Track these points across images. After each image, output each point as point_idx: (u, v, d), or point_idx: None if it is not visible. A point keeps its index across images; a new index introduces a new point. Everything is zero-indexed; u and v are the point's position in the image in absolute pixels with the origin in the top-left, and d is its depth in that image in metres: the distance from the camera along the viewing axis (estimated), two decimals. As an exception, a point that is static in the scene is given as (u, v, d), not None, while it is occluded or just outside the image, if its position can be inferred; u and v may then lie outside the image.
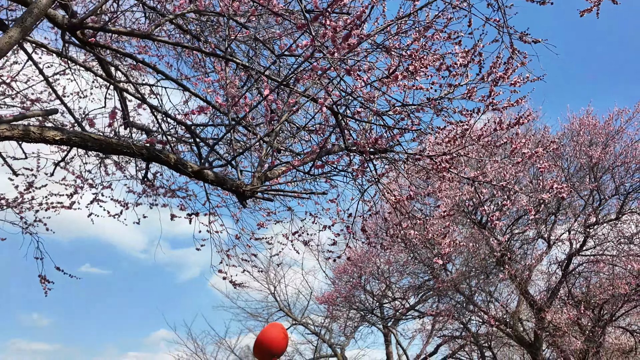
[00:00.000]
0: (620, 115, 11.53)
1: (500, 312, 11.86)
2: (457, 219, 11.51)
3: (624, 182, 11.05)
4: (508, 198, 9.84)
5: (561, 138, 11.13)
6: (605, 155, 10.68)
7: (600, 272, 10.98)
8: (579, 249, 11.67)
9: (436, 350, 18.09)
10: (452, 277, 10.69)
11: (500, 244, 9.94)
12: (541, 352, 11.84)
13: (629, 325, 14.91)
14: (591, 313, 11.25)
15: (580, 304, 10.09)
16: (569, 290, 11.10)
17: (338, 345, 21.81)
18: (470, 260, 11.49)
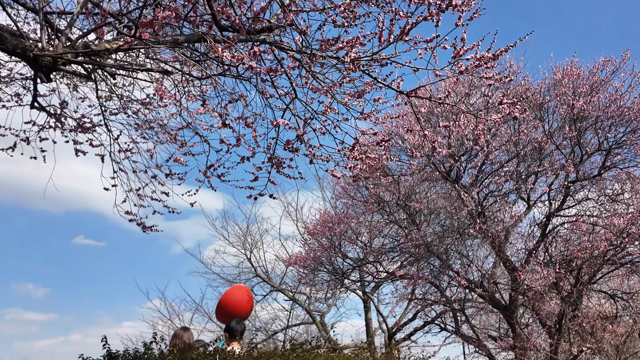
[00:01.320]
0: (606, 66, 10.75)
1: (475, 274, 11.30)
2: (432, 176, 10.83)
3: (608, 137, 10.35)
4: (481, 149, 9.15)
5: (542, 87, 10.37)
6: (589, 106, 9.94)
7: (580, 230, 10.37)
8: (558, 208, 11.04)
9: (414, 317, 17.67)
10: (422, 235, 10.06)
11: (472, 198, 9.28)
12: (516, 315, 11.34)
13: (610, 290, 14.46)
14: (569, 275, 10.69)
15: (558, 264, 9.50)
16: (545, 250, 10.51)
17: (317, 312, 21.38)
18: (444, 220, 10.86)
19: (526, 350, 10.26)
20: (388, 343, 19.39)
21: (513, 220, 11.77)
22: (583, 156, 10.62)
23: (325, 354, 4.85)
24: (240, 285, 12.57)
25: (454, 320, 11.86)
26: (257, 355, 4.36)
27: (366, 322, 20.77)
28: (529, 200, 11.99)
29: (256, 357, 4.36)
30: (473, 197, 9.33)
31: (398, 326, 19.42)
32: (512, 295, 11.21)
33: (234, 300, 11.89)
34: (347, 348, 21.78)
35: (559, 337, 10.49)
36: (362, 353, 7.85)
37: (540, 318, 10.70)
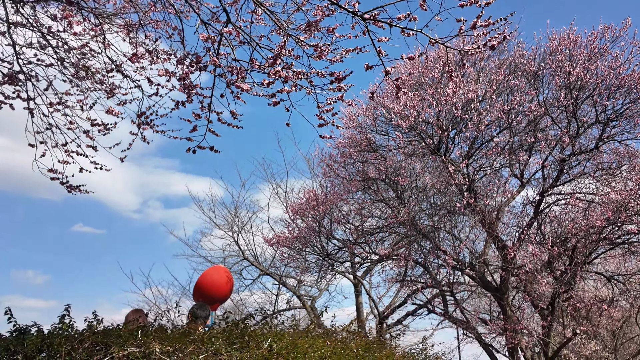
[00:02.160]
0: (605, 33, 10.11)
1: (465, 254, 10.76)
2: (419, 150, 10.25)
3: (606, 109, 9.74)
4: (470, 119, 8.55)
5: (537, 54, 9.73)
6: (586, 74, 9.32)
7: (575, 207, 9.80)
8: (552, 184, 10.47)
9: (405, 301, 17.20)
10: (408, 211, 9.49)
11: (459, 171, 8.70)
12: (507, 296, 10.82)
13: (607, 272, 13.96)
14: (563, 255, 10.15)
15: (551, 243, 8.95)
16: (538, 227, 9.96)
17: (308, 297, 20.90)
18: (432, 197, 10.29)
19: (517, 332, 9.76)
20: (379, 328, 18.97)
21: (505, 198, 11.22)
22: (579, 129, 10.02)
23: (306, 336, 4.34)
24: (218, 266, 12.00)
25: (442, 303, 11.34)
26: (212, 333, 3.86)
27: (357, 306, 20.29)
28: (522, 177, 11.42)
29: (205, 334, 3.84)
30: (461, 170, 8.75)
31: (389, 310, 18.97)
32: (503, 276, 10.69)
33: (211, 282, 11.34)
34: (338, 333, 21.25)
35: (552, 319, 9.98)
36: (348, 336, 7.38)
37: (532, 299, 10.18)
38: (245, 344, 3.50)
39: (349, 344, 4.83)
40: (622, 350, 20.11)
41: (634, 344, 20.20)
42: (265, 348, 3.42)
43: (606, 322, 19.30)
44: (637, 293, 16.79)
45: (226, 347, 3.29)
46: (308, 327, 5.47)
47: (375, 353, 4.82)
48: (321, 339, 4.53)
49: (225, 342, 3.38)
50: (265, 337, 3.67)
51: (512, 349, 10.37)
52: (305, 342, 4.01)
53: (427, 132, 9.02)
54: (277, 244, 11.97)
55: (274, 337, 3.70)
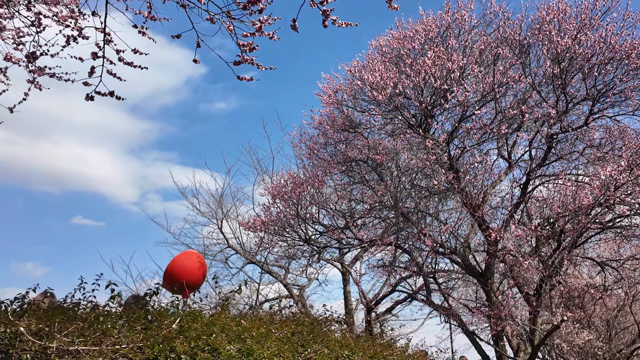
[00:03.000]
0: (596, 3, 9.50)
1: (448, 237, 10.20)
2: (398, 127, 9.68)
3: (596, 82, 9.14)
4: (449, 90, 7.97)
5: (524, 23, 9.12)
6: (575, 45, 8.72)
7: (564, 185, 9.23)
8: (540, 164, 9.91)
9: (393, 289, 16.70)
10: (385, 188, 8.93)
11: (438, 146, 8.12)
12: (492, 282, 10.29)
13: (599, 257, 13.43)
14: (551, 238, 9.60)
15: (538, 225, 8.40)
16: (524, 208, 9.40)
17: (296, 286, 20.39)
18: (413, 176, 9.73)
19: (501, 319, 9.24)
20: (368, 317, 18.50)
21: (492, 180, 10.67)
22: (568, 104, 9.44)
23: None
24: (190, 251, 11.44)
25: (426, 289, 10.82)
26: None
27: (344, 295, 19.80)
28: (510, 158, 10.86)
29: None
30: (440, 145, 8.18)
31: (377, 299, 18.49)
32: (487, 261, 10.16)
33: (182, 267, 10.78)
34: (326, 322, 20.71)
35: (538, 304, 9.46)
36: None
37: (518, 285, 9.66)
38: (147, 325, 2.99)
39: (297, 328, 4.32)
40: (617, 340, 19.63)
41: (629, 334, 19.72)
42: (171, 328, 2.91)
43: (600, 311, 18.81)
44: (631, 281, 16.30)
45: (120, 327, 2.78)
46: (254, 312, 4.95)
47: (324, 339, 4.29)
48: (260, 322, 4.02)
49: (125, 323, 2.87)
50: (176, 316, 3.16)
51: (497, 337, 9.86)
52: (234, 324, 3.50)
53: (406, 106, 8.44)
54: (253, 228, 11.42)
55: (187, 317, 3.19)
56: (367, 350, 4.35)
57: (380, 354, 4.52)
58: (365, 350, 4.36)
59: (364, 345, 4.54)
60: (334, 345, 3.93)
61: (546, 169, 10.45)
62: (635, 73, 8.74)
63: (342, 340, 4.42)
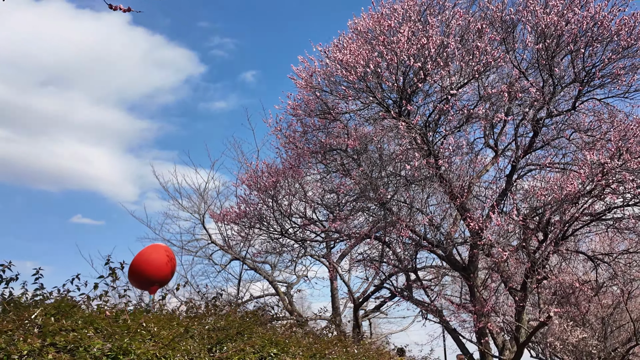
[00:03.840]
0: (585, -21, 8.92)
1: (427, 229, 9.63)
2: (376, 115, 9.10)
3: (585, 60, 8.56)
4: (422, 69, 7.38)
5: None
6: (562, 23, 8.14)
7: (550, 171, 8.66)
8: (526, 150, 9.34)
9: (380, 287, 16.12)
10: (362, 174, 8.35)
11: (412, 128, 7.52)
12: (475, 276, 9.73)
13: (589, 251, 12.88)
14: (536, 228, 9.02)
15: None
16: (508, 198, 8.81)
17: (283, 284, 19.80)
18: (390, 164, 9.15)
19: (484, 315, 8.68)
20: (355, 315, 17.93)
21: (476, 169, 10.11)
22: (555, 87, 8.85)
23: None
24: (157, 244, 10.84)
25: (406, 284, 10.25)
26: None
27: (331, 292, 19.21)
28: (497, 146, 10.29)
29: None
30: (414, 127, 7.58)
31: (365, 296, 17.91)
32: (471, 254, 9.60)
33: (148, 262, 10.17)
34: (312, 320, 20.12)
35: (522, 299, 8.88)
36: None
37: (504, 279, 9.09)
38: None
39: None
40: (612, 338, 19.08)
41: (625, 332, 19.16)
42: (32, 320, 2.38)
43: (595, 309, 18.26)
44: (627, 277, 15.70)
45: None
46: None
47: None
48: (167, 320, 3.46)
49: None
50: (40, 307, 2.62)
51: (480, 334, 9.29)
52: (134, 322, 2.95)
53: (381, 88, 7.85)
54: (226, 220, 10.84)
55: (54, 309, 2.65)
56: (309, 349, 3.79)
57: (322, 352, 3.96)
58: (307, 347, 3.80)
59: (308, 343, 3.99)
60: (261, 342, 3.37)
61: (532, 158, 9.90)
62: (625, 52, 8.17)
63: (273, 336, 3.84)
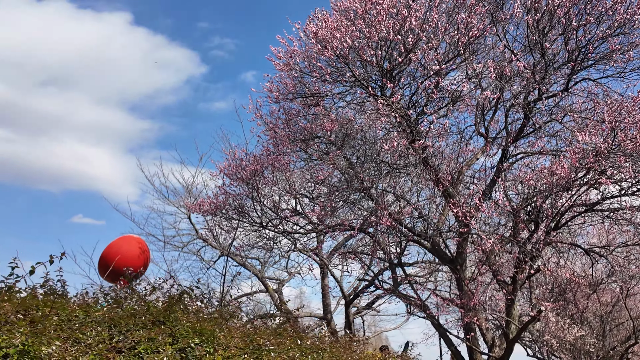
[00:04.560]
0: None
1: (413, 218, 9.14)
2: (359, 97, 8.60)
3: (579, 42, 8.05)
4: (409, 49, 6.88)
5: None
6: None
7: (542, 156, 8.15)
8: (516, 136, 8.84)
9: (372, 282, 15.62)
10: (332, 158, 7.84)
11: (390, 105, 7.00)
12: (464, 268, 9.22)
13: (584, 243, 12.36)
14: (526, 216, 8.51)
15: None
16: (496, 185, 8.30)
17: (274, 280, 19.32)
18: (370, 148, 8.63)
19: (471, 309, 8.18)
20: (346, 312, 17.45)
21: (465, 159, 9.61)
22: (548, 68, 8.33)
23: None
24: (129, 236, 10.33)
25: (391, 277, 9.75)
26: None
27: (322, 289, 18.71)
28: (488, 134, 9.79)
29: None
30: (392, 105, 7.06)
31: (356, 292, 17.42)
32: (458, 244, 9.10)
33: (119, 254, 9.66)
34: (302, 317, 19.54)
35: (512, 292, 8.38)
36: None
37: (493, 271, 8.58)
38: None
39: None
40: (610, 337, 18.54)
41: (624, 330, 18.60)
42: None
43: (593, 306, 17.73)
44: (626, 273, 15.14)
45: None
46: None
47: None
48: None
49: None
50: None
51: (467, 329, 8.79)
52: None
53: (359, 65, 7.34)
54: (202, 210, 10.34)
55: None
56: (243, 340, 3.28)
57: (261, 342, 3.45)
58: (242, 338, 3.29)
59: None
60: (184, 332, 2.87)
61: (524, 145, 9.40)
62: (620, 29, 7.66)
63: (197, 325, 3.32)
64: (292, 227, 11.70)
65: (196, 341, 2.83)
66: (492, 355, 8.97)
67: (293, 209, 10.92)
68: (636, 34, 7.68)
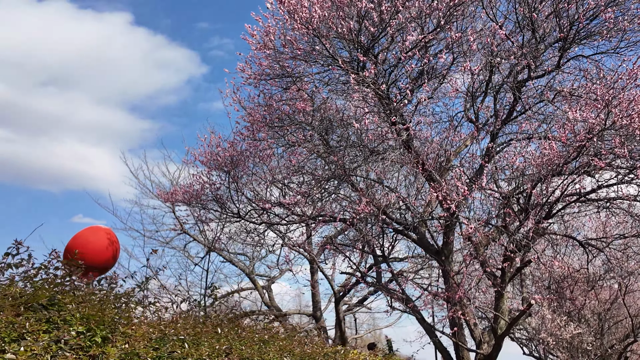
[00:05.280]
0: None
1: (397, 207, 8.61)
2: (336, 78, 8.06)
3: (571, 18, 7.50)
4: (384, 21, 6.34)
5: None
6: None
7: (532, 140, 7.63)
8: (505, 119, 8.31)
9: (362, 278, 15.06)
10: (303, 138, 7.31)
11: (363, 81, 6.46)
12: (451, 261, 8.69)
13: (579, 235, 11.84)
14: (521, 209, 7.99)
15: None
16: (484, 171, 7.77)
17: (263, 277, 18.80)
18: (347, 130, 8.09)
19: (456, 302, 7.64)
20: (336, 309, 16.91)
21: (454, 143, 9.08)
22: (539, 44, 7.79)
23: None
24: (97, 226, 9.76)
25: (375, 270, 9.23)
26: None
27: (312, 285, 18.17)
28: (477, 119, 9.26)
29: None
30: (365, 80, 6.51)
31: (346, 289, 16.88)
32: (445, 233, 8.57)
33: (84, 245, 9.08)
34: (289, 315, 18.96)
35: (500, 285, 7.84)
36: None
37: (480, 261, 8.05)
38: None
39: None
40: (609, 335, 18.03)
41: (622, 328, 18.09)
42: None
43: (590, 303, 17.21)
44: (624, 269, 14.62)
45: None
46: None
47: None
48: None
49: None
50: None
51: (453, 324, 8.26)
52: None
53: (330, 38, 6.80)
54: (173, 199, 9.82)
55: None
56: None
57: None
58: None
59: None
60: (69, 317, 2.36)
61: (513, 129, 8.86)
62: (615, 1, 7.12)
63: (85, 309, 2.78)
64: (270, 219, 11.12)
65: (79, 329, 2.31)
66: (480, 352, 8.44)
67: (276, 199, 10.39)
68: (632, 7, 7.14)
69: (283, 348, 3.69)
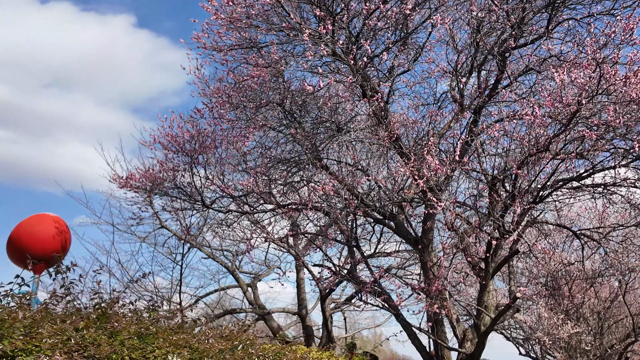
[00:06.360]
0: None
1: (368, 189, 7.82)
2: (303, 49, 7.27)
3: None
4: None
5: None
6: None
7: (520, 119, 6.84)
8: (490, 93, 7.53)
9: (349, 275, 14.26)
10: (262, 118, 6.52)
11: (321, 38, 5.66)
12: (430, 251, 7.89)
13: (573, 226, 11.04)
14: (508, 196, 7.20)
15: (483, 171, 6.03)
16: (467, 153, 6.98)
17: (249, 275, 17.99)
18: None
19: (434, 296, 6.86)
20: (322, 308, 16.11)
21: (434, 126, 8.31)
22: (525, 11, 6.99)
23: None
24: (44, 214, 8.97)
25: (350, 259, 8.46)
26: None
27: (297, 283, 17.37)
28: (462, 97, 8.47)
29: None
30: (324, 38, 5.72)
31: (331, 286, 16.09)
32: (424, 221, 7.78)
33: (29, 234, 8.34)
34: (275, 312, 18.08)
35: (483, 277, 7.06)
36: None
37: (460, 249, 7.26)
38: None
39: None
40: (609, 334, 17.22)
41: (622, 327, 17.29)
42: None
43: (589, 301, 16.42)
44: (624, 264, 13.89)
45: None
46: None
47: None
48: None
49: None
50: None
51: (432, 320, 7.47)
52: None
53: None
54: (129, 185, 9.04)
55: None
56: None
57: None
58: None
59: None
60: None
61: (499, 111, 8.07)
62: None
63: None
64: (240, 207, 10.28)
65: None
66: (462, 351, 7.64)
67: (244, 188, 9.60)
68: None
69: (171, 342, 2.92)
